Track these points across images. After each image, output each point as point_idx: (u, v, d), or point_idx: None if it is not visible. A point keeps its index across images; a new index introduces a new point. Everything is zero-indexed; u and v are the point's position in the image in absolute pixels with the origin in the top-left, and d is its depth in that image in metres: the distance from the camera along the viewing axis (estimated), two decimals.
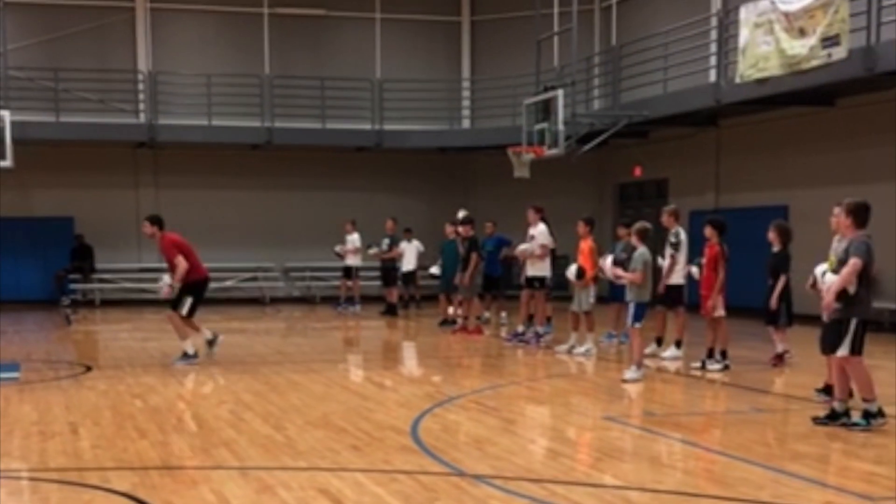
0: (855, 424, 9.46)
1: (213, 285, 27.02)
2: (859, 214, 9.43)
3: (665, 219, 15.22)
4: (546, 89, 22.31)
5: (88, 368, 14.32)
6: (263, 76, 27.25)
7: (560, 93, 21.66)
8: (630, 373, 12.86)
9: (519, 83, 25.53)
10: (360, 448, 8.86)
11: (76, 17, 26.64)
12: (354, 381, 13.67)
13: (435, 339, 18.98)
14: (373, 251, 23.95)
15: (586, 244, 15.82)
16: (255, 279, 28.27)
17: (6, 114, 23.64)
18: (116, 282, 27.40)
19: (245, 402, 11.37)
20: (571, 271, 15.62)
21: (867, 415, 9.46)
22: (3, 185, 25.54)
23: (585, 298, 15.77)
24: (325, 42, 28.39)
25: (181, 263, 14.81)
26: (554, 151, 21.77)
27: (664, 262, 15.15)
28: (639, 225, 13.32)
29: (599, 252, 15.71)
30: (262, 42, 27.61)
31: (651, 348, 15.18)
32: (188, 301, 14.71)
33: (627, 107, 22.95)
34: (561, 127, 21.56)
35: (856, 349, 9.34)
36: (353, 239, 24.50)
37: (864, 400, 9.50)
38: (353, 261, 24.59)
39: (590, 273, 15.57)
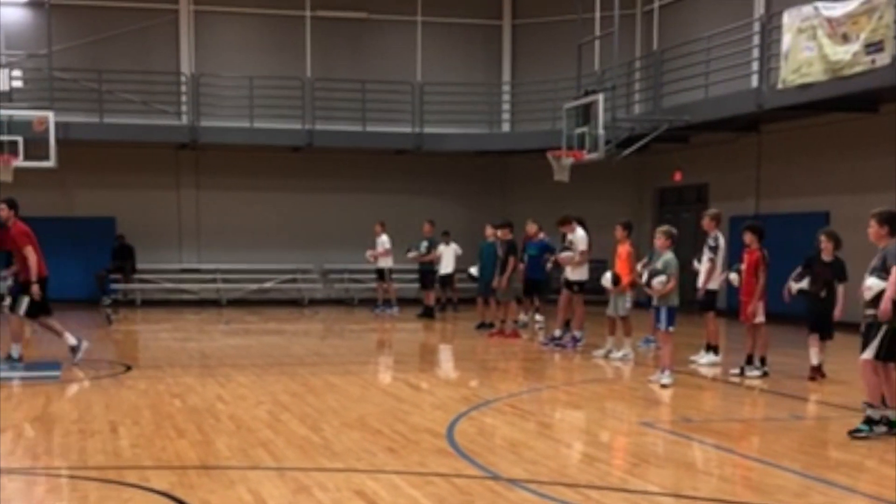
0: (857, 431, 9.43)
1: (252, 286, 27.77)
2: (894, 222, 9.41)
3: (706, 223, 15.16)
4: (587, 93, 22.30)
5: (128, 368, 14.45)
6: (305, 79, 27.38)
7: (601, 97, 21.64)
8: (665, 378, 12.82)
9: (559, 87, 25.52)
10: (396, 450, 8.89)
11: (120, 20, 26.87)
12: (391, 384, 13.70)
13: (471, 341, 18.99)
14: (412, 254, 24.00)
15: (623, 249, 15.77)
16: (293, 281, 28.39)
17: (51, 114, 23.91)
18: (157, 282, 27.61)
19: (282, 402, 11.43)
20: (607, 278, 15.58)
21: (869, 421, 9.44)
22: (47, 184, 25.83)
23: (622, 303, 15.73)
24: (367, 45, 28.48)
25: (32, 255, 14.47)
26: (594, 155, 21.75)
27: (700, 266, 15.10)
28: (666, 227, 13.25)
29: (637, 257, 15.66)
30: (304, 45, 27.74)
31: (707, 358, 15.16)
32: (25, 301, 14.45)
33: (668, 111, 22.86)
34: (601, 131, 21.53)
35: (881, 355, 9.29)
36: (383, 241, 24.58)
37: (869, 405, 9.47)
38: (385, 263, 24.67)
39: (626, 278, 15.52)
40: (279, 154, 28.02)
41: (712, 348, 15.13)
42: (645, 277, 13.01)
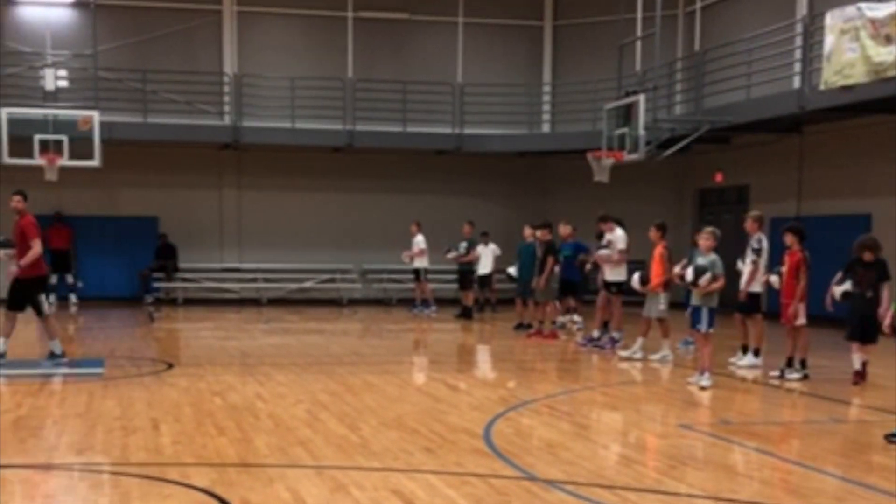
0: (893, 435, 9.38)
1: (292, 286, 27.92)
2: None
3: (749, 224, 15.08)
4: (628, 94, 22.23)
5: (170, 366, 14.58)
6: (346, 79, 27.48)
7: (641, 97, 21.56)
8: (704, 380, 12.79)
9: (600, 88, 25.45)
10: (433, 450, 8.93)
11: (164, 20, 27.10)
12: (428, 383, 13.74)
13: (509, 342, 19.00)
14: (451, 255, 24.04)
15: (658, 250, 15.74)
16: (332, 281, 28.50)
17: (96, 114, 24.16)
18: (198, 281, 27.81)
19: (321, 401, 11.51)
20: (635, 279, 15.57)
21: None
22: (91, 184, 26.13)
23: (655, 305, 15.67)
24: (408, 46, 28.56)
25: (38, 248, 14.40)
26: (634, 156, 21.69)
27: (743, 268, 15.02)
28: (711, 229, 13.21)
29: (670, 258, 15.62)
30: (346, 45, 27.84)
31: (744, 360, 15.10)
32: (42, 299, 14.44)
33: (710, 112, 22.76)
34: (642, 132, 21.46)
35: None
36: (419, 241, 24.64)
37: None
38: (420, 263, 24.73)
39: (658, 279, 15.48)
40: (320, 154, 28.14)
41: (753, 350, 15.06)
42: (690, 275, 12.93)
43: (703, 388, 12.68)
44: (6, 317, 14.55)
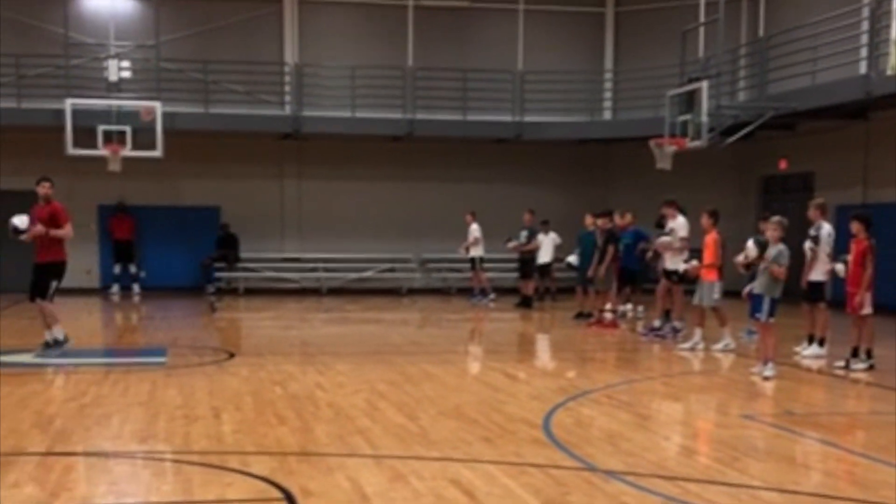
0: None
1: (352, 275, 28.01)
2: None
3: (811, 212, 14.89)
4: (690, 80, 22.03)
5: (231, 355, 14.69)
6: (406, 68, 27.47)
7: (705, 84, 21.36)
8: (767, 370, 12.63)
9: (662, 74, 25.20)
10: (492, 440, 8.89)
11: (226, 10, 27.27)
12: (487, 373, 13.67)
13: (569, 331, 18.91)
14: (511, 244, 23.95)
15: (710, 237, 15.59)
16: (392, 270, 28.55)
17: (158, 105, 24.41)
18: (259, 271, 28.00)
19: (380, 391, 11.52)
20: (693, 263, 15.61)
21: None
22: (154, 174, 26.40)
23: (710, 293, 15.50)
24: (468, 34, 28.49)
25: (70, 231, 14.57)
26: (697, 143, 21.50)
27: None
28: (778, 218, 13.02)
29: (723, 245, 15.48)
30: (406, 34, 27.81)
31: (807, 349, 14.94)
32: (53, 285, 14.34)
33: (774, 99, 22.46)
34: (705, 119, 21.27)
35: None
36: (473, 230, 24.59)
37: None
38: (476, 252, 24.69)
39: (714, 266, 15.34)
40: (380, 144, 28.19)
41: (818, 340, 14.85)
42: (753, 250, 12.74)
43: (766, 379, 12.53)
44: (43, 309, 14.47)
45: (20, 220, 14.14)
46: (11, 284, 25.79)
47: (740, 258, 13.99)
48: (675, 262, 17.03)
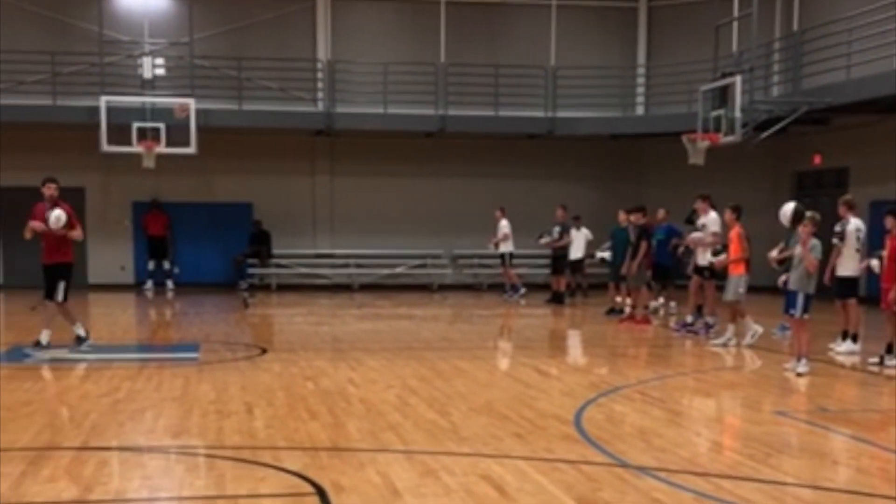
0: None
1: (383, 271, 28.07)
2: None
3: (841, 209, 14.83)
4: (724, 75, 21.92)
5: (264, 351, 14.75)
6: (438, 64, 27.46)
7: (738, 79, 21.25)
8: (801, 366, 12.55)
9: (695, 69, 25.09)
10: (523, 436, 8.89)
11: (259, 7, 27.37)
12: (518, 369, 13.65)
13: (601, 327, 18.87)
14: (544, 240, 23.91)
15: (734, 231, 15.55)
16: (423, 266, 28.57)
17: (192, 101, 24.54)
18: (291, 267, 28.10)
19: (411, 387, 11.54)
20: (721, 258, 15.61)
21: None
22: (187, 170, 26.55)
23: (734, 287, 15.44)
24: (501, 30, 28.45)
25: (80, 231, 14.67)
26: (730, 139, 21.40)
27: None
28: (811, 213, 12.93)
29: (748, 238, 15.45)
30: (439, 30, 27.77)
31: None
32: (62, 286, 14.32)
33: (808, 93, 22.29)
34: (738, 114, 21.17)
35: None
36: (503, 225, 24.57)
37: None
38: (505, 248, 24.67)
39: (739, 261, 15.28)
40: (412, 140, 28.21)
41: (851, 336, 14.75)
42: (799, 251, 12.68)
43: (799, 375, 12.45)
44: (60, 310, 14.51)
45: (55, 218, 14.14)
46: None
47: (773, 253, 13.93)
48: (706, 258, 16.97)
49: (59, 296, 14.32)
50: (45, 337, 14.33)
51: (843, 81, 21.59)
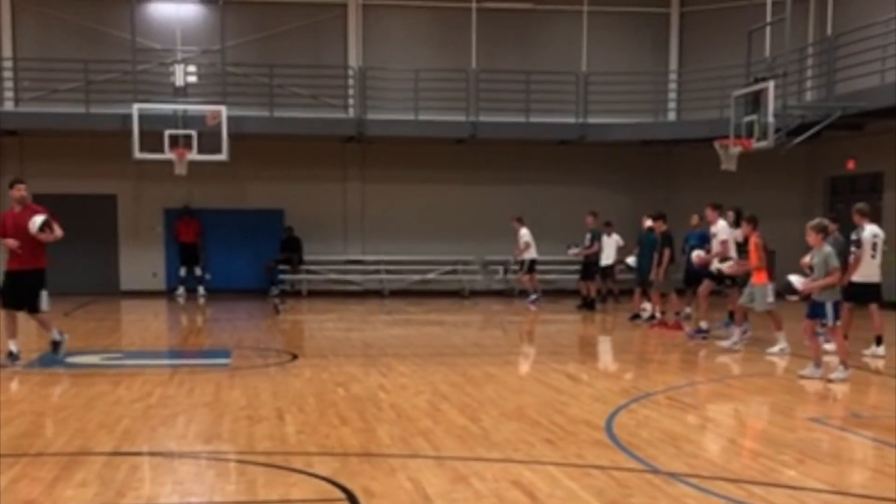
0: None
1: (414, 277, 28.08)
2: None
3: (855, 217, 14.88)
4: (756, 80, 21.82)
5: (295, 356, 14.79)
6: (470, 70, 27.46)
7: (771, 84, 21.16)
8: (836, 373, 12.45)
9: (727, 74, 24.98)
10: (554, 441, 8.86)
11: (291, 15, 27.48)
12: (549, 375, 13.60)
13: (631, 333, 18.80)
14: (573, 251, 23.74)
15: (752, 241, 15.50)
16: (454, 272, 28.55)
17: (223, 109, 24.67)
18: (322, 273, 28.15)
19: (442, 392, 11.53)
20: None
21: None
22: (219, 177, 26.66)
23: (761, 298, 15.33)
24: (532, 36, 28.42)
25: (60, 231, 13.43)
26: (763, 144, 21.30)
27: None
28: (815, 222, 12.81)
29: (765, 247, 15.43)
30: (470, 37, 27.77)
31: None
32: (44, 295, 13.46)
33: (842, 98, 22.14)
34: (771, 119, 21.07)
35: None
36: (523, 234, 24.50)
37: None
38: (528, 255, 24.57)
39: (754, 265, 15.31)
40: (443, 146, 28.21)
41: (874, 340, 14.75)
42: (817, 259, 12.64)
43: (830, 382, 12.34)
44: (5, 317, 13.75)
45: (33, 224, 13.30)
46: (81, 285, 26.28)
47: (806, 259, 13.83)
48: (715, 266, 17.09)
49: (44, 304, 13.52)
50: (56, 335, 13.74)
51: (877, 86, 21.44)
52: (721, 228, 17.09)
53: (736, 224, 17.60)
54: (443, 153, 28.40)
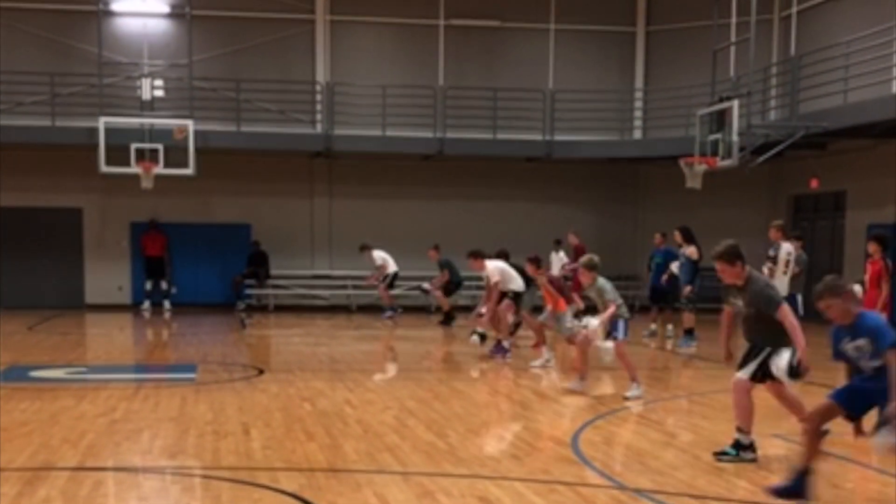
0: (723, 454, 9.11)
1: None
2: None
3: (772, 233, 15.38)
4: (721, 99, 22.01)
5: (261, 371, 14.75)
6: (437, 87, 27.53)
7: (735, 103, 21.34)
8: (632, 391, 12.62)
9: (693, 93, 25.19)
10: (521, 457, 8.90)
11: (258, 30, 27.46)
12: (516, 391, 13.66)
13: (596, 350, 18.80)
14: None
15: (542, 282, 15.86)
16: (421, 288, 28.51)
17: (190, 123, 24.62)
18: (290, 288, 28.09)
19: (409, 408, 11.54)
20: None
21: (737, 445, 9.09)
22: (186, 191, 26.57)
23: (562, 323, 15.61)
24: (499, 53, 28.53)
25: None
26: (727, 162, 21.47)
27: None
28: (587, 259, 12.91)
29: (556, 282, 16.02)
30: (437, 53, 27.86)
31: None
32: None
33: (805, 118, 22.36)
34: (735, 138, 21.26)
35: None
36: (375, 256, 24.93)
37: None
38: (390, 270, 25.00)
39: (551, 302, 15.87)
40: (410, 162, 28.24)
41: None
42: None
43: (626, 400, 12.44)
44: None
45: None
46: (46, 299, 26.13)
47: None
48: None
49: None
50: None
51: (840, 106, 21.66)
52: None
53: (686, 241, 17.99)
54: (410, 169, 28.43)
